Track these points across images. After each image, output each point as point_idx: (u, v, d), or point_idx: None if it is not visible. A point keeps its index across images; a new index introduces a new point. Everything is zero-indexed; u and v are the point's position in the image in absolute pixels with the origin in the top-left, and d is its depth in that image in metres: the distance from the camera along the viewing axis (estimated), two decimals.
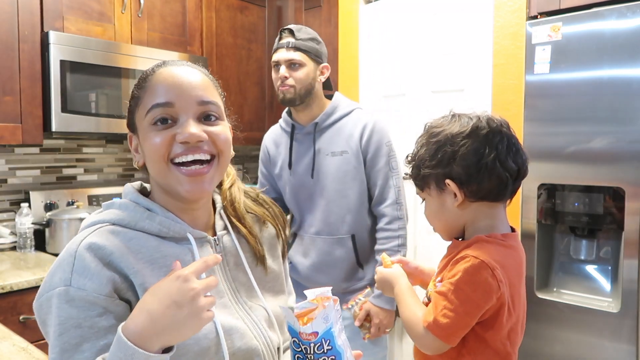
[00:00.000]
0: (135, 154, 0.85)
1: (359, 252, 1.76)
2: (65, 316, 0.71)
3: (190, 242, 0.82)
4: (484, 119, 1.04)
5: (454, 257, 1.03)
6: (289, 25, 1.78)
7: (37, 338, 1.75)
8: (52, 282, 0.74)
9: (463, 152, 1.01)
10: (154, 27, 2.45)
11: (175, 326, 0.65)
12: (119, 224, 0.80)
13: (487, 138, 1.01)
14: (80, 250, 0.74)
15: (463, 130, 1.02)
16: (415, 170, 1.09)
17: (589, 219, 1.78)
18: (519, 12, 2.05)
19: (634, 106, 1.65)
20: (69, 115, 2.10)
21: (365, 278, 1.79)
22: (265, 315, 0.89)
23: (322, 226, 1.76)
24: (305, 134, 1.79)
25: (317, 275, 1.78)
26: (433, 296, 1.02)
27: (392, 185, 1.75)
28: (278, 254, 1.01)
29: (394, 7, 2.53)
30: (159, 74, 0.81)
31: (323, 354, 0.80)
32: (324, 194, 1.75)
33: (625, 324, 1.68)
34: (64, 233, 2.17)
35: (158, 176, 0.81)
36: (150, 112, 0.78)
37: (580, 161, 1.77)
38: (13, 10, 1.99)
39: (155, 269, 0.77)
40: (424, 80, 2.42)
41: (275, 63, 1.76)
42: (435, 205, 1.08)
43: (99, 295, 0.71)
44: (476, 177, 1.01)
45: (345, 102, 1.83)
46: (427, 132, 1.09)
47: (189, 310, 0.65)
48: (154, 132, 0.78)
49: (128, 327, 0.65)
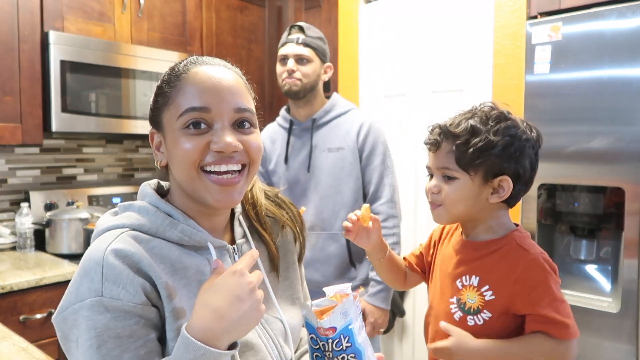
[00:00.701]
0: (157, 152, 0.81)
1: (352, 250, 1.76)
2: (102, 328, 0.67)
3: (210, 251, 0.78)
4: (536, 131, 1.06)
5: (485, 255, 1.05)
6: (298, 22, 1.80)
7: (37, 338, 1.75)
8: (79, 293, 0.69)
9: (527, 156, 1.02)
10: (154, 27, 2.45)
11: (240, 320, 0.66)
12: (139, 230, 0.76)
13: (538, 153, 1.05)
14: (107, 257, 0.69)
15: (531, 138, 1.03)
16: (472, 149, 0.99)
17: (589, 219, 1.78)
18: (519, 12, 2.06)
19: (634, 106, 1.65)
20: (69, 115, 2.10)
21: (358, 278, 1.78)
22: (282, 328, 0.86)
23: (315, 221, 1.76)
24: (303, 130, 1.81)
25: (309, 272, 1.76)
26: (533, 314, 1.00)
27: (387, 184, 1.76)
28: (294, 259, 0.97)
29: (394, 7, 2.53)
30: (195, 73, 0.77)
31: (342, 351, 0.76)
32: (319, 189, 1.76)
33: (625, 324, 1.68)
34: (64, 233, 2.17)
35: (185, 182, 0.77)
36: (183, 115, 0.74)
37: (580, 161, 1.77)
38: (13, 10, 1.99)
39: (176, 281, 0.74)
40: (424, 80, 2.42)
41: (283, 57, 1.77)
42: (469, 192, 1.02)
43: (136, 304, 0.68)
44: (524, 182, 1.04)
45: (343, 101, 1.87)
46: (496, 118, 1.02)
47: (250, 303, 0.66)
48: (187, 136, 0.74)
49: (194, 327, 0.64)
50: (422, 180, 2.44)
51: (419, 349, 2.48)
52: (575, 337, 0.99)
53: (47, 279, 1.82)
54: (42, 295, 1.82)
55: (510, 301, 1.01)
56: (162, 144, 0.80)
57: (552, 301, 0.99)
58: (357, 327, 0.78)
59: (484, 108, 1.06)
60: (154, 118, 0.81)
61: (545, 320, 0.98)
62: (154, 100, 0.81)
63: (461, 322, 1.06)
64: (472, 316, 1.04)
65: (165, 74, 0.81)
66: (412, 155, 2.46)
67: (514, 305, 1.01)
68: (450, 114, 1.11)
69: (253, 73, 2.96)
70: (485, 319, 1.03)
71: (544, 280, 0.99)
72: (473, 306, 1.04)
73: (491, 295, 1.02)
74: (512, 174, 1.01)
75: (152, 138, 0.82)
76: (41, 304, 1.81)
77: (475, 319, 1.04)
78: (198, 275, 0.76)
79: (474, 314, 1.04)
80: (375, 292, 1.70)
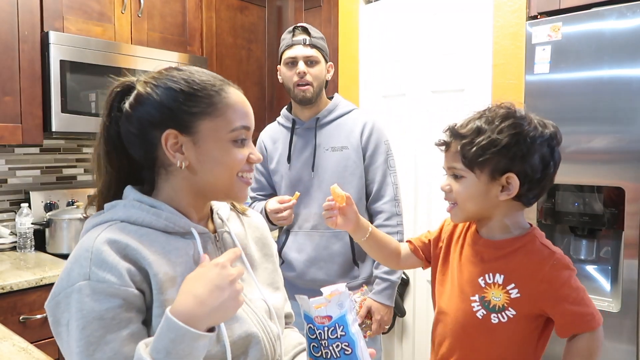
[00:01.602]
0: (177, 153, 0.84)
1: (355, 248, 1.76)
2: (88, 310, 0.73)
3: (194, 236, 0.86)
4: (553, 128, 1.06)
5: (508, 254, 1.07)
6: (300, 24, 1.80)
7: (37, 338, 1.75)
8: (70, 278, 0.75)
9: (538, 155, 1.03)
10: (154, 27, 2.45)
11: (219, 307, 0.72)
12: (127, 221, 0.82)
13: (555, 151, 1.05)
14: (97, 244, 0.76)
15: (542, 135, 1.03)
16: (475, 148, 1.02)
17: (589, 219, 1.78)
18: (519, 12, 2.05)
19: (634, 106, 1.65)
20: (69, 115, 2.10)
21: (360, 276, 1.78)
22: (265, 307, 0.92)
23: (319, 220, 1.76)
24: (306, 129, 1.81)
25: (313, 271, 1.77)
26: (561, 308, 1.04)
27: (390, 183, 1.77)
28: (272, 252, 1.06)
29: (394, 7, 2.53)
30: (234, 93, 0.88)
31: (336, 339, 0.82)
32: (322, 188, 1.76)
33: (625, 324, 1.68)
34: (64, 233, 2.17)
35: (221, 183, 0.87)
36: (236, 131, 0.86)
37: (581, 161, 1.77)
38: (13, 10, 1.99)
39: (170, 260, 0.81)
40: (424, 80, 2.42)
41: (292, 59, 1.76)
42: (477, 190, 1.05)
43: (119, 287, 0.74)
44: (536, 182, 1.04)
45: (344, 101, 1.87)
46: (503, 116, 1.04)
47: (229, 293, 0.73)
48: (236, 148, 0.86)
49: (177, 310, 0.71)
50: (422, 180, 2.45)
51: (419, 349, 2.48)
52: (601, 323, 1.04)
53: (47, 279, 1.82)
54: (42, 295, 1.82)
55: (536, 299, 1.04)
56: (182, 147, 0.84)
57: (577, 295, 1.03)
58: (351, 318, 0.83)
59: (494, 108, 1.08)
60: (182, 121, 0.83)
61: (574, 319, 1.03)
62: (183, 104, 0.83)
63: (484, 320, 1.07)
64: (496, 314, 1.05)
65: (193, 83, 0.84)
66: (412, 155, 2.46)
67: (540, 303, 1.04)
68: (451, 113, 1.12)
69: (253, 73, 2.96)
70: (510, 317, 1.04)
71: (569, 277, 1.04)
72: (498, 304, 1.05)
73: (517, 293, 1.04)
74: (519, 171, 1.02)
75: (167, 138, 0.83)
76: (41, 304, 1.81)
77: (499, 316, 1.05)
78: (185, 256, 0.84)
79: (499, 311, 1.05)
80: (380, 289, 1.70)
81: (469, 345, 1.10)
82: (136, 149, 0.86)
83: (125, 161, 0.88)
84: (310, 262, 1.77)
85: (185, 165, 0.84)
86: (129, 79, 0.88)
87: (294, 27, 1.79)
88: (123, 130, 0.86)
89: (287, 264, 1.82)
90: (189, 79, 0.85)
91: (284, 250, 1.83)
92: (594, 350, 1.03)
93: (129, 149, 0.87)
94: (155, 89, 0.84)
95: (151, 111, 0.83)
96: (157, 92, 0.84)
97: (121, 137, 0.87)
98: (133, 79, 0.88)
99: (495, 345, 1.06)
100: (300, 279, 1.79)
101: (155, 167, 0.87)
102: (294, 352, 1.03)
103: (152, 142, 0.84)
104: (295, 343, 1.05)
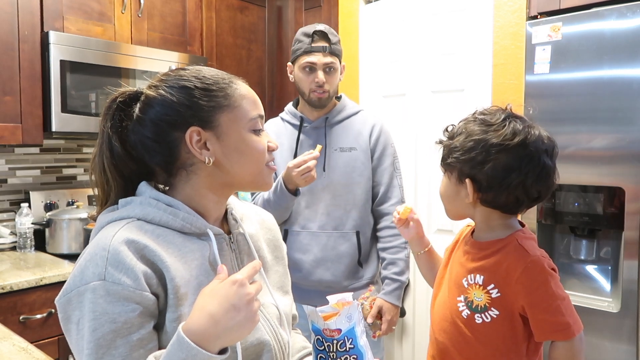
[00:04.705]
0: (203, 150, 0.82)
1: (362, 250, 1.76)
2: (101, 311, 0.71)
3: (210, 237, 0.84)
4: (532, 138, 1.03)
5: (488, 255, 1.07)
6: (318, 27, 1.74)
7: (37, 338, 1.75)
8: (84, 276, 0.73)
9: (493, 164, 1.01)
10: (154, 27, 2.45)
11: (234, 328, 0.69)
12: (143, 219, 0.80)
13: (522, 161, 1.01)
14: (114, 243, 0.74)
15: (503, 144, 1.01)
16: (445, 150, 1.11)
17: (589, 219, 1.78)
18: (519, 12, 2.05)
19: (634, 106, 1.65)
20: (69, 115, 2.10)
21: (365, 277, 1.78)
22: (276, 312, 0.91)
23: (326, 220, 1.75)
24: (314, 128, 1.80)
25: (320, 271, 1.75)
26: (537, 314, 1.03)
27: (396, 185, 1.78)
28: (282, 255, 1.04)
29: (394, 7, 2.53)
30: (242, 87, 0.88)
31: (345, 352, 0.81)
32: (330, 188, 1.75)
33: (625, 324, 1.68)
34: (64, 233, 2.17)
35: (249, 174, 0.87)
36: (254, 120, 0.86)
37: (580, 161, 1.77)
38: (13, 10, 1.99)
39: (186, 263, 0.79)
40: (424, 80, 2.42)
41: (310, 65, 1.72)
42: (451, 191, 1.12)
43: (134, 290, 0.72)
44: (496, 189, 1.03)
45: (352, 102, 1.87)
46: (474, 120, 1.07)
47: (245, 314, 0.70)
48: (257, 137, 0.87)
49: (190, 328, 0.68)
50: (422, 180, 2.45)
51: (419, 349, 2.48)
52: (579, 332, 1.02)
53: (47, 279, 1.82)
54: (42, 295, 1.82)
55: (515, 299, 1.03)
56: (206, 143, 0.83)
57: (551, 303, 1.00)
58: (359, 330, 0.83)
59: (483, 111, 1.09)
60: (201, 117, 0.82)
61: (544, 326, 1.01)
62: (198, 99, 0.82)
63: (469, 320, 1.07)
64: (479, 314, 1.06)
65: (204, 79, 0.85)
66: (412, 155, 2.46)
67: (518, 303, 1.03)
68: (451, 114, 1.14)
69: (253, 73, 2.96)
70: (493, 317, 1.05)
71: (544, 282, 1.01)
72: (480, 304, 1.06)
73: (497, 292, 1.04)
74: (476, 179, 1.04)
75: (191, 136, 0.82)
76: (41, 304, 1.81)
77: (482, 316, 1.06)
78: (200, 258, 0.82)
79: (482, 311, 1.06)
80: (391, 290, 1.70)
81: (457, 345, 1.11)
82: (153, 155, 0.84)
83: (135, 167, 0.86)
84: (317, 262, 1.76)
85: (212, 160, 0.82)
86: (130, 89, 0.86)
87: (313, 31, 1.73)
88: (135, 138, 0.83)
89: (292, 265, 1.81)
90: (200, 75, 0.85)
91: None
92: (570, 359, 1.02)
93: (143, 156, 0.84)
94: (169, 89, 0.82)
95: (169, 112, 0.82)
96: (172, 92, 0.82)
97: (127, 147, 0.84)
98: (134, 88, 0.86)
99: (482, 346, 1.07)
100: (306, 280, 1.77)
101: (174, 169, 0.85)
102: (299, 357, 1.02)
103: (172, 144, 0.82)
104: (300, 347, 1.03)
